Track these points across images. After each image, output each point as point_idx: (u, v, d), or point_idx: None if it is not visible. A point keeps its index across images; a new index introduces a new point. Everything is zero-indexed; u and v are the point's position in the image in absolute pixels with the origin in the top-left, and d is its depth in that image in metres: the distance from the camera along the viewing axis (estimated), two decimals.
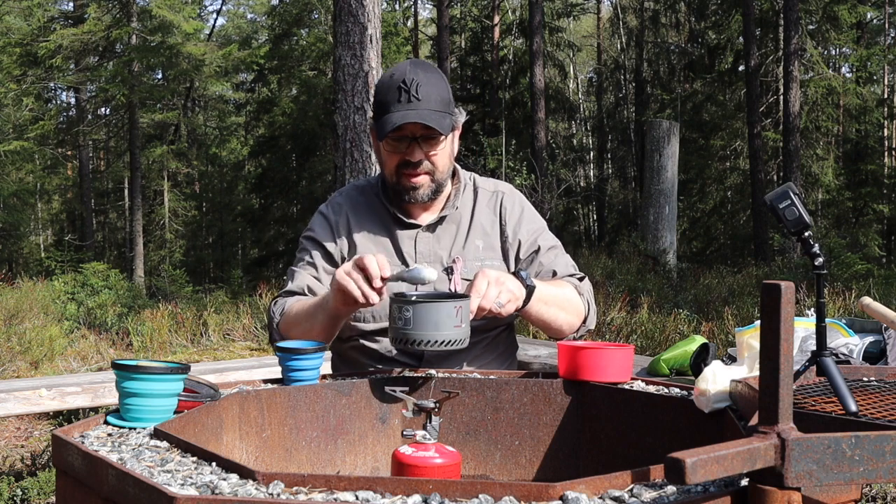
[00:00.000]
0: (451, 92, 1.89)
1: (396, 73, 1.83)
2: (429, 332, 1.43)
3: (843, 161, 21.26)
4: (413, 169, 1.86)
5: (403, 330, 1.44)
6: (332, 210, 2.01)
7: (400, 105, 1.80)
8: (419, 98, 1.79)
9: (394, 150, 1.87)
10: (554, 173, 17.02)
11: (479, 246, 1.96)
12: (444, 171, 1.91)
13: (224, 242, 25.53)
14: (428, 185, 1.89)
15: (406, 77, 1.80)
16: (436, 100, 1.82)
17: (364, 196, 2.02)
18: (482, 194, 2.03)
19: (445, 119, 1.83)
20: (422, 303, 1.45)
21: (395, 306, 1.47)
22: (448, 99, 1.86)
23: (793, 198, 1.29)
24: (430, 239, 1.95)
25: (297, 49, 20.73)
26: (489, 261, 1.95)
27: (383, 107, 1.82)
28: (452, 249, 1.95)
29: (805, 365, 1.39)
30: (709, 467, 0.79)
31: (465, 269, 1.91)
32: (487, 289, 1.63)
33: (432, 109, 1.80)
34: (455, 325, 1.45)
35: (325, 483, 0.92)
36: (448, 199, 1.98)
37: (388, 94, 1.82)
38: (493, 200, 2.02)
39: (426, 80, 1.81)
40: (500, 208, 2.02)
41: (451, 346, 1.45)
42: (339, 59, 6.59)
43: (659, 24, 24.85)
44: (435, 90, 1.82)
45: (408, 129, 1.81)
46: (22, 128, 18.35)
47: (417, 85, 1.79)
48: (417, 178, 1.87)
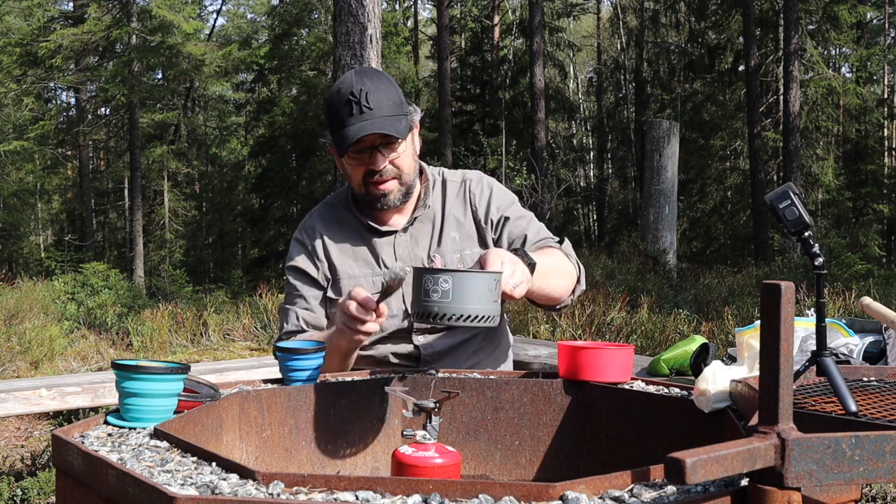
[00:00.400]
0: (400, 93, 1.88)
1: (343, 86, 1.82)
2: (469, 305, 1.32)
3: (843, 161, 21.26)
4: (379, 177, 1.86)
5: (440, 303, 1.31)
6: (307, 234, 2.01)
7: (353, 118, 1.79)
8: (371, 107, 1.79)
9: (357, 162, 1.86)
10: (554, 173, 17.02)
11: (454, 238, 1.96)
12: (411, 172, 1.91)
13: (224, 242, 25.54)
14: (397, 189, 1.89)
15: (353, 88, 1.79)
16: (387, 105, 1.81)
17: (335, 213, 2.02)
18: (450, 186, 2.03)
19: (401, 122, 1.83)
20: (463, 272, 1.34)
21: (429, 277, 1.33)
22: (399, 100, 1.85)
23: (793, 198, 1.29)
24: (408, 241, 1.96)
25: (297, 49, 20.74)
26: (467, 249, 1.95)
27: (338, 122, 1.82)
28: (430, 248, 1.95)
29: (805, 365, 1.39)
30: (709, 467, 0.79)
31: (446, 265, 1.92)
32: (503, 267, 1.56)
33: (385, 116, 1.80)
34: (493, 299, 1.34)
35: (325, 483, 0.92)
36: (419, 198, 1.98)
37: (340, 108, 1.81)
38: (461, 190, 2.02)
39: (374, 87, 1.81)
40: (469, 195, 2.01)
41: (487, 322, 1.34)
42: (339, 59, 6.59)
43: (659, 24, 24.85)
44: (384, 95, 1.82)
45: (366, 139, 1.80)
46: (22, 128, 18.35)
47: (366, 94, 1.79)
48: (385, 184, 1.87)
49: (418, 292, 1.35)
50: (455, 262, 1.94)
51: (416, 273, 1.37)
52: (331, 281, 1.95)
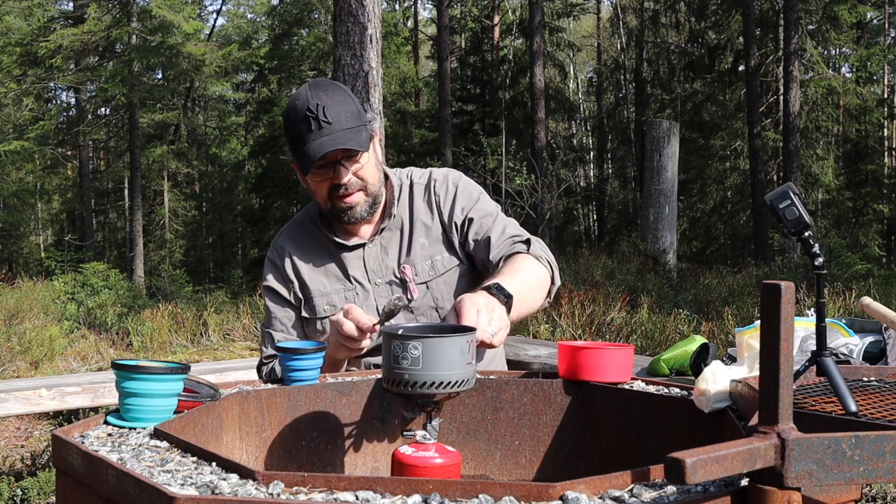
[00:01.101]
0: (357, 102, 1.86)
1: (299, 102, 1.79)
2: (441, 371, 1.25)
3: (843, 161, 21.27)
4: (344, 190, 1.84)
5: (410, 371, 1.25)
6: (277, 253, 2.00)
7: (313, 134, 1.77)
8: (329, 121, 1.76)
9: (320, 178, 1.84)
10: (554, 173, 17.01)
11: (423, 244, 1.94)
12: (376, 182, 1.89)
13: (224, 242, 25.54)
14: (364, 201, 1.87)
15: (310, 103, 1.76)
16: (346, 117, 1.79)
17: (306, 230, 2.00)
18: (417, 190, 1.99)
19: (361, 134, 1.81)
20: (432, 338, 1.26)
21: (397, 344, 1.26)
22: (357, 111, 1.82)
23: (793, 198, 1.29)
24: (378, 252, 1.93)
25: (297, 49, 20.75)
26: (437, 255, 1.93)
27: (297, 139, 1.79)
28: (400, 257, 1.93)
29: (805, 365, 1.39)
30: (709, 467, 0.79)
31: (417, 274, 1.91)
32: (478, 317, 1.51)
33: (345, 129, 1.78)
34: (467, 361, 1.28)
35: (325, 483, 0.92)
36: (385, 207, 1.95)
37: (299, 125, 1.78)
38: (426, 192, 1.99)
39: (330, 100, 1.78)
40: (433, 196, 1.97)
41: (462, 386, 1.28)
42: (339, 59, 6.59)
43: (659, 24, 24.85)
44: (342, 108, 1.79)
45: (328, 155, 1.78)
46: (22, 128, 18.36)
47: (323, 108, 1.76)
48: (351, 197, 1.85)
49: (387, 359, 1.28)
50: (426, 270, 1.91)
51: (384, 339, 1.30)
52: (303, 300, 1.94)
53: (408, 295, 1.88)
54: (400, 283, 1.90)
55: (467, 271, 1.95)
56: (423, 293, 1.90)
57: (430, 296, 1.91)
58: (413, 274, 1.90)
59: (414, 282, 1.89)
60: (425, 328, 1.49)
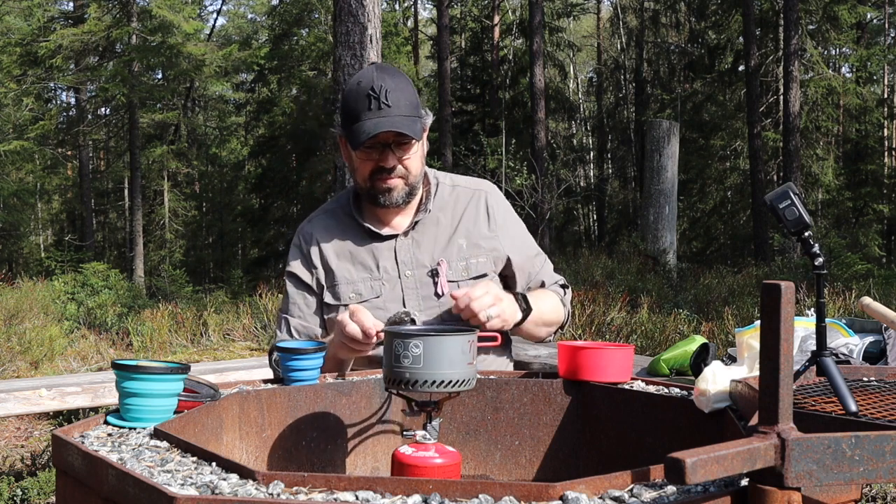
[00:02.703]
0: (417, 94, 1.88)
1: (363, 79, 1.81)
2: (442, 370, 1.28)
3: (843, 161, 21.27)
4: (387, 175, 1.86)
5: (411, 369, 1.28)
6: (303, 239, 2.00)
7: (371, 113, 1.78)
8: (389, 104, 1.78)
9: (367, 157, 1.86)
10: (554, 173, 17.01)
11: (462, 245, 1.95)
12: (417, 175, 1.91)
13: (224, 242, 25.54)
14: (402, 187, 1.88)
15: (374, 84, 1.78)
16: (405, 105, 1.80)
17: (335, 218, 2.00)
18: (462, 193, 2.01)
19: (416, 124, 1.83)
20: (434, 336, 1.29)
21: (398, 342, 1.29)
22: (416, 102, 1.85)
23: (793, 198, 1.29)
24: (410, 246, 1.94)
25: (297, 49, 20.75)
26: (473, 258, 1.94)
27: (353, 115, 1.81)
28: (434, 252, 1.93)
29: (805, 365, 1.39)
30: (709, 467, 0.79)
31: (451, 271, 1.91)
32: (483, 296, 1.65)
33: (403, 115, 1.79)
34: (468, 361, 1.31)
35: (325, 483, 0.92)
36: (421, 202, 1.96)
37: (358, 102, 1.80)
38: (476, 199, 2.00)
39: (394, 85, 1.79)
40: (486, 208, 2.00)
41: (462, 386, 1.30)
42: (339, 59, 6.59)
43: (659, 24, 24.85)
44: (403, 95, 1.81)
45: (381, 136, 1.80)
46: (22, 128, 18.35)
47: (387, 91, 1.77)
48: (391, 181, 1.86)
49: (389, 357, 1.31)
50: (459, 270, 1.92)
51: (386, 337, 1.32)
52: (326, 287, 1.94)
53: (437, 290, 1.89)
54: (431, 275, 1.91)
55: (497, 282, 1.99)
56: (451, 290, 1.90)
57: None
58: (447, 271, 1.91)
59: (446, 277, 1.90)
60: (424, 329, 1.49)
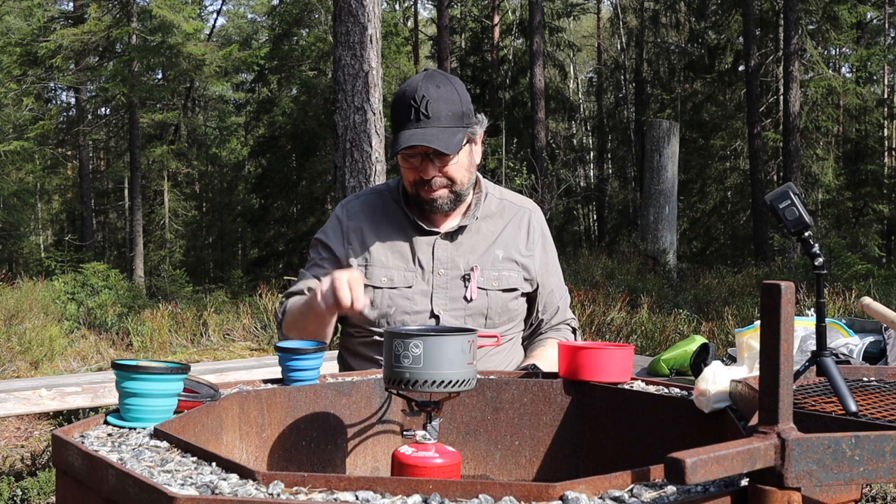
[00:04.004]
0: (466, 102, 1.85)
1: (409, 88, 1.82)
2: (442, 370, 1.28)
3: (843, 161, 21.27)
4: (429, 187, 1.86)
5: (411, 369, 1.28)
6: (347, 214, 2.00)
7: (410, 123, 1.79)
8: (428, 116, 1.78)
9: (409, 165, 1.87)
10: (554, 173, 17.02)
11: (498, 255, 1.96)
12: (464, 182, 1.90)
13: (224, 242, 25.53)
14: (447, 196, 1.89)
15: (417, 94, 1.79)
16: (446, 116, 1.80)
17: (383, 201, 2.01)
18: (508, 207, 2.02)
19: (455, 136, 1.81)
20: (434, 336, 1.29)
21: (398, 342, 1.29)
22: (460, 112, 1.83)
23: (793, 198, 1.29)
24: (449, 247, 1.94)
25: (297, 49, 20.73)
26: (507, 271, 1.95)
27: (397, 123, 1.83)
28: (471, 258, 1.94)
29: (805, 365, 1.39)
30: (709, 467, 0.79)
31: (482, 278, 1.92)
32: None
33: (441, 127, 1.79)
34: (468, 361, 1.31)
35: (325, 483, 0.92)
36: (469, 208, 1.97)
37: (401, 110, 1.81)
38: (520, 215, 2.02)
39: (437, 95, 1.79)
40: (529, 226, 2.02)
41: (462, 386, 1.30)
42: (339, 59, 6.59)
43: (659, 24, 24.84)
44: (445, 106, 1.80)
45: (418, 148, 1.81)
46: (22, 128, 18.34)
47: (427, 102, 1.78)
48: (435, 192, 1.87)
49: (388, 357, 1.31)
50: (491, 279, 1.93)
51: (386, 337, 1.32)
52: (358, 265, 1.94)
53: (466, 294, 1.90)
54: (463, 279, 1.92)
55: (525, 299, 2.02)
56: (481, 298, 1.92)
57: (485, 303, 1.92)
58: (479, 277, 1.92)
59: (477, 284, 1.91)
60: (424, 330, 1.50)
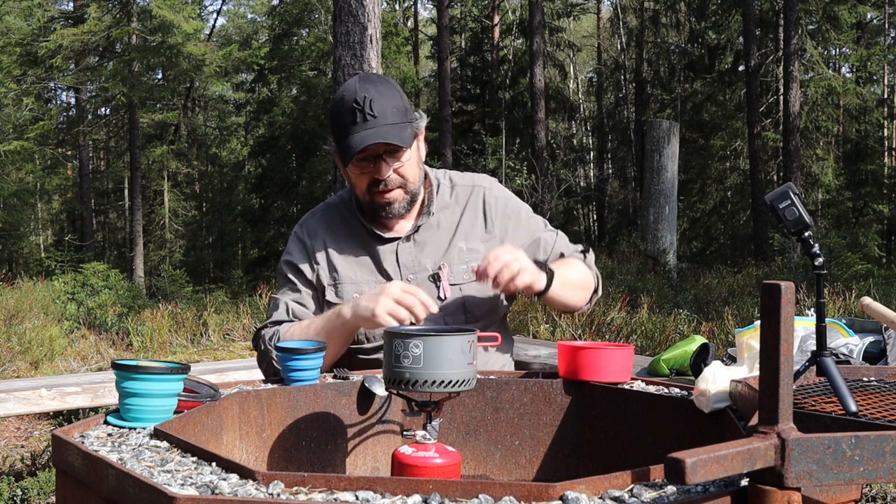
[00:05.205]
0: (405, 99, 1.86)
1: (347, 93, 1.80)
2: (442, 370, 1.28)
3: (843, 161, 21.27)
4: (384, 186, 1.84)
5: (411, 369, 1.28)
6: (307, 233, 1.98)
7: (357, 126, 1.77)
8: (375, 115, 1.76)
9: (361, 170, 1.84)
10: (554, 173, 17.00)
11: (462, 248, 1.93)
12: (416, 181, 1.89)
13: (224, 242, 25.53)
14: (402, 197, 1.87)
15: (357, 96, 1.77)
16: (392, 112, 1.79)
17: (339, 213, 1.99)
18: (461, 192, 1.99)
19: (405, 130, 1.81)
20: (434, 336, 1.30)
21: (398, 342, 1.29)
22: (404, 107, 1.83)
23: (793, 198, 1.29)
24: (412, 249, 1.93)
25: (297, 49, 20.74)
26: (474, 262, 1.91)
27: (342, 130, 1.80)
28: (436, 255, 1.92)
29: (805, 365, 1.39)
30: (709, 467, 0.79)
31: (452, 274, 1.90)
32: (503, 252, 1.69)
33: (390, 124, 1.78)
34: (468, 361, 1.31)
35: (325, 483, 0.92)
36: (423, 205, 1.95)
37: (344, 116, 1.79)
38: (473, 197, 1.99)
39: (378, 94, 1.78)
40: (483, 206, 1.98)
41: (462, 386, 1.30)
42: (339, 59, 6.59)
43: (659, 24, 24.84)
44: (389, 102, 1.79)
45: (370, 148, 1.78)
46: (22, 128, 18.34)
47: (370, 101, 1.76)
48: (390, 193, 1.85)
49: (388, 357, 1.31)
50: (461, 273, 1.91)
51: (386, 337, 1.33)
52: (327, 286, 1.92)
53: (440, 293, 1.88)
54: (433, 279, 1.90)
55: None
56: (454, 294, 1.90)
57: (461, 298, 1.90)
58: (448, 274, 1.90)
59: (448, 281, 1.89)
60: (423, 330, 1.49)
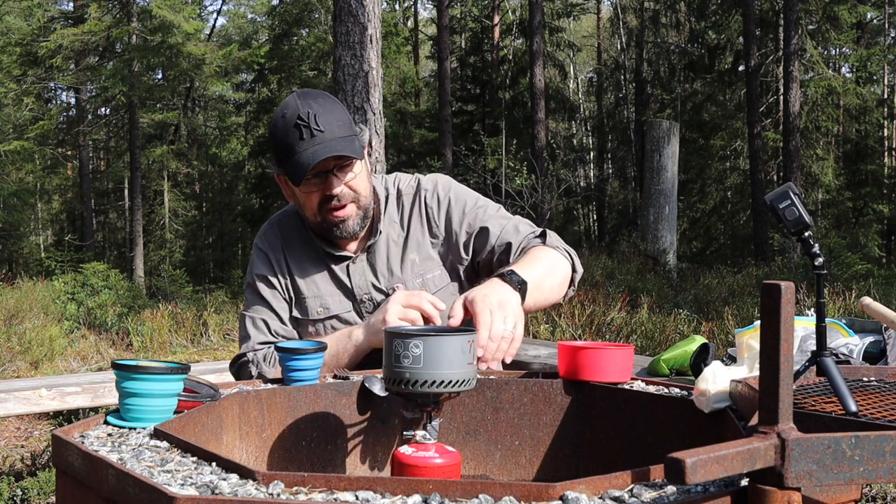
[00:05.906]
0: (346, 112, 1.80)
1: (288, 111, 1.73)
2: (442, 370, 1.27)
3: (843, 161, 21.28)
4: (337, 202, 1.77)
5: (411, 369, 1.27)
6: (269, 246, 1.92)
7: (305, 143, 1.70)
8: (322, 129, 1.70)
9: (311, 189, 1.77)
10: (554, 173, 17.00)
11: (414, 260, 1.87)
12: (367, 195, 1.83)
13: (224, 242, 25.54)
14: (355, 213, 1.80)
15: (300, 112, 1.70)
16: (338, 126, 1.73)
17: (295, 226, 1.93)
18: (406, 201, 1.92)
19: (354, 143, 1.75)
20: (434, 336, 1.28)
21: (398, 342, 1.28)
22: (348, 120, 1.77)
23: (793, 198, 1.29)
24: (365, 270, 1.87)
25: (297, 49, 20.75)
26: (429, 273, 1.87)
27: (287, 150, 1.72)
28: (388, 274, 1.86)
29: (805, 365, 1.39)
30: (709, 467, 0.79)
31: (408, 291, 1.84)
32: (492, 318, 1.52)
33: (338, 137, 1.72)
34: (468, 361, 1.30)
35: (325, 483, 0.92)
36: (372, 222, 1.88)
37: (288, 135, 1.71)
38: (417, 205, 1.91)
39: (321, 108, 1.72)
40: (425, 210, 1.91)
41: (462, 386, 1.29)
42: (339, 59, 6.59)
43: (659, 24, 24.85)
44: (333, 117, 1.73)
45: (320, 164, 1.71)
46: (22, 128, 18.35)
47: (315, 116, 1.70)
48: (343, 210, 1.78)
49: (388, 358, 1.30)
50: (417, 287, 1.85)
51: (386, 337, 1.31)
52: (294, 299, 1.88)
53: None
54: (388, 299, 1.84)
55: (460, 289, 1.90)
56: None
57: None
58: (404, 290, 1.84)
59: None
60: (424, 329, 1.48)
